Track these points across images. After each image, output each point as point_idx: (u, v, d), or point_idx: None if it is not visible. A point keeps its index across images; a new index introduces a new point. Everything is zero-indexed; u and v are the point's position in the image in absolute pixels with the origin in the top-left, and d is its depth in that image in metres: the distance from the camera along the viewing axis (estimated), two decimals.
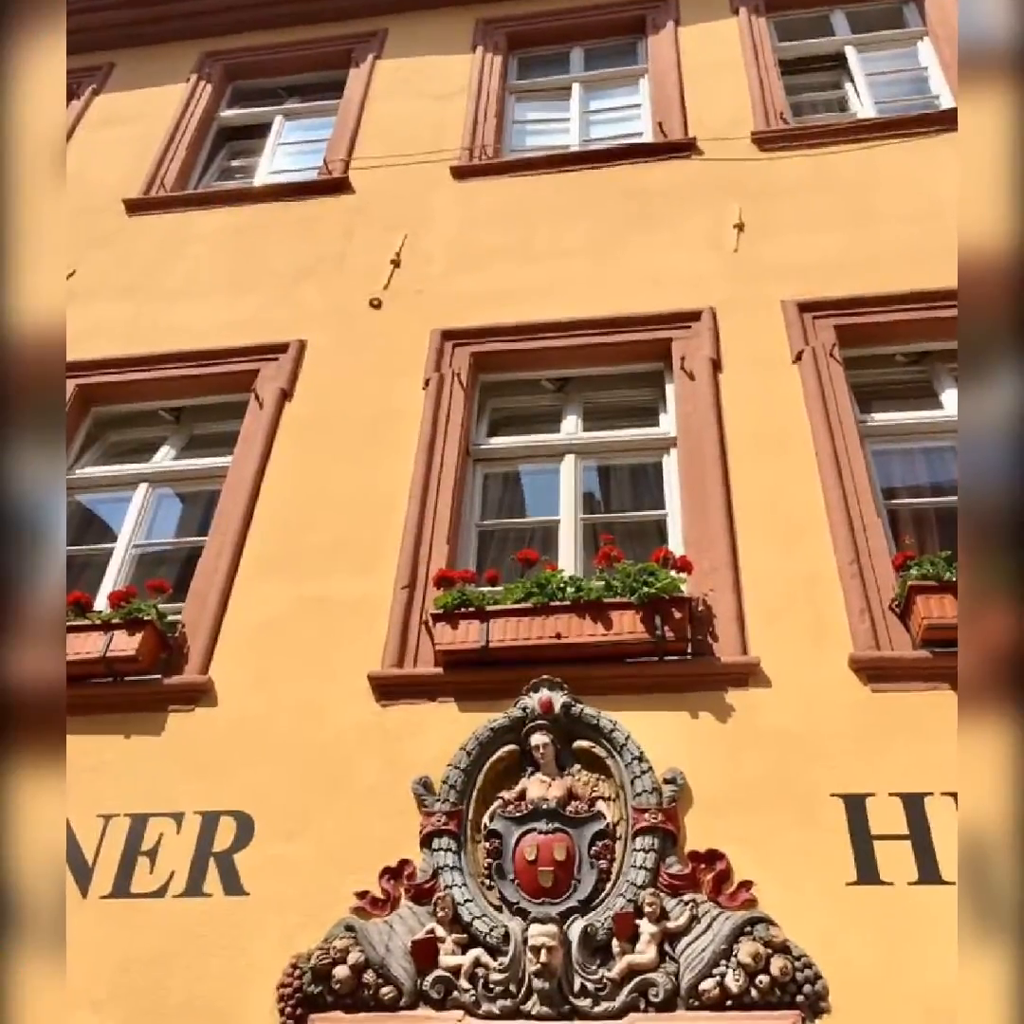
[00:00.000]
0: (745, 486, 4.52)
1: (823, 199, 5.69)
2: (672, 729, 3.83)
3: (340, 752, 3.96)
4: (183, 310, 5.87)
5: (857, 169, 5.81)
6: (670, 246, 5.64)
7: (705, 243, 5.61)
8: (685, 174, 6.02)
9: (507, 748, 3.82)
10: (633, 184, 6.03)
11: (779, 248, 5.48)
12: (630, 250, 5.68)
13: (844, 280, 5.22)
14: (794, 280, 5.28)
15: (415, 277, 5.79)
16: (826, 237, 5.47)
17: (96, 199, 6.69)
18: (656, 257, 5.60)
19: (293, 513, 4.81)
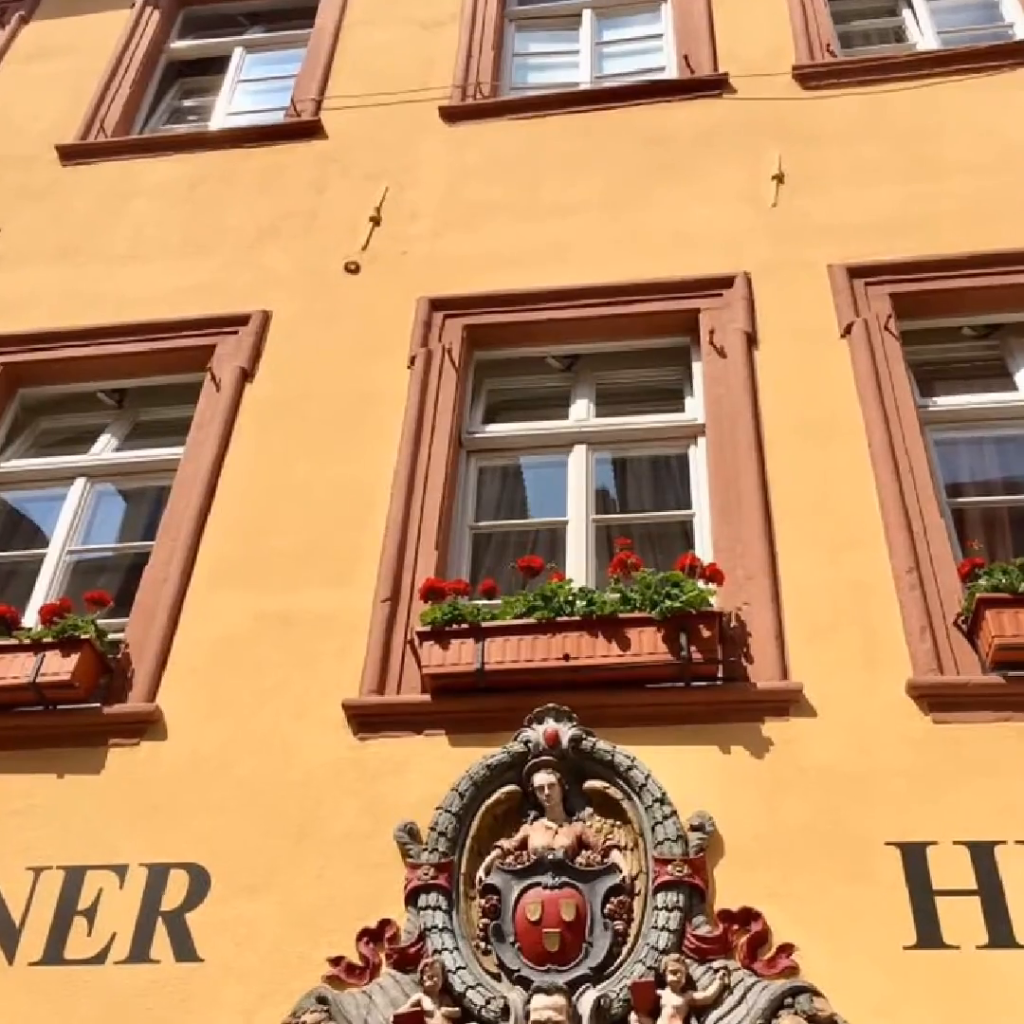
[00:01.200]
0: (785, 482, 4.51)
1: (876, 146, 5.68)
2: (700, 767, 3.82)
3: (310, 794, 3.95)
4: (127, 276, 5.86)
5: (916, 110, 5.80)
6: (697, 201, 5.63)
7: (739, 197, 5.60)
8: (715, 116, 6.01)
9: (506, 789, 3.82)
10: (654, 128, 6.02)
11: (825, 203, 5.47)
12: (650, 205, 5.67)
13: (901, 240, 5.22)
14: (843, 240, 5.27)
15: (398, 237, 5.77)
16: (880, 190, 5.46)
17: (25, 146, 6.68)
18: (681, 213, 5.59)
19: (255, 514, 4.80)
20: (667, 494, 5.06)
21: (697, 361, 5.15)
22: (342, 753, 4.04)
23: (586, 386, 5.31)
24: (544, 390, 5.47)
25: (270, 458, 4.99)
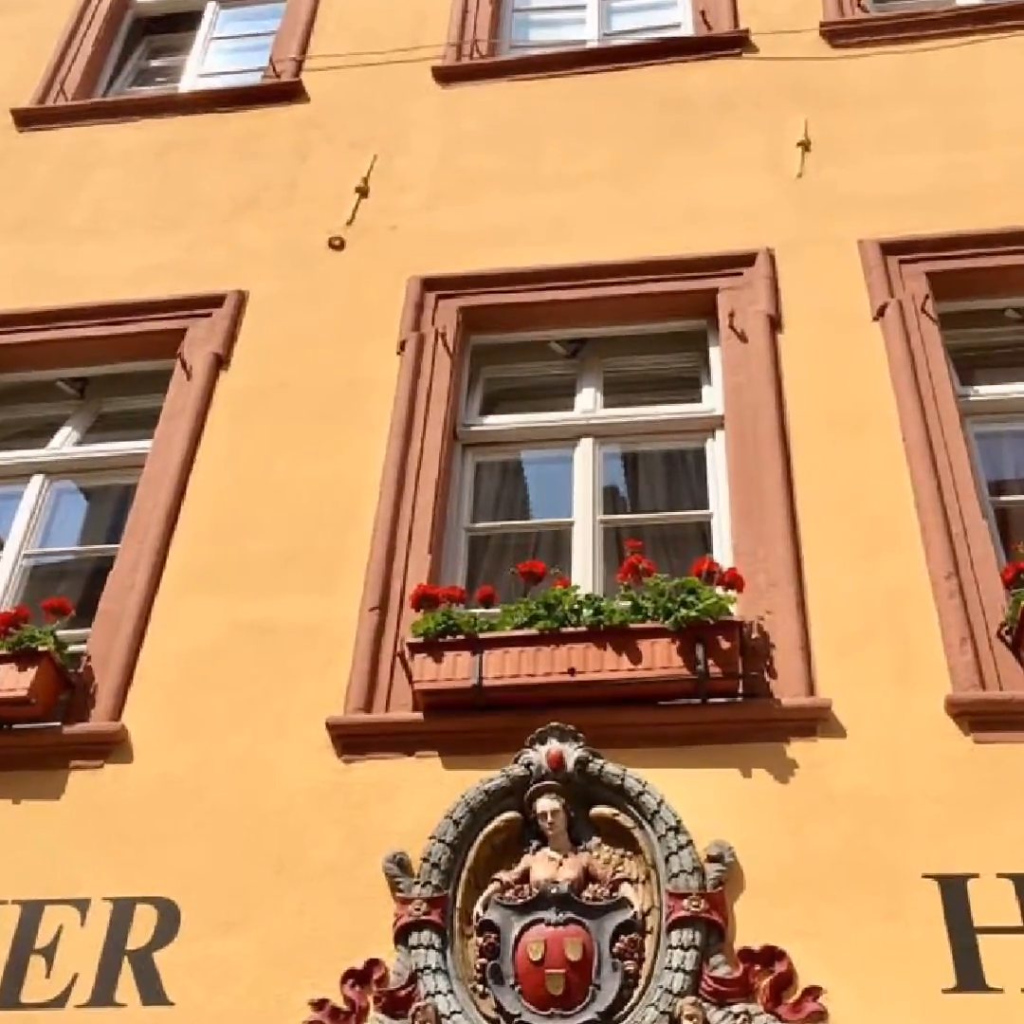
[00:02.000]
0: (812, 479, 4.50)
1: (912, 110, 5.67)
2: (718, 792, 3.81)
3: (291, 821, 3.95)
4: (88, 252, 5.85)
5: (956, 71, 5.80)
6: (715, 170, 5.63)
7: (760, 166, 5.60)
8: (735, 77, 6.01)
9: (506, 816, 3.81)
10: (668, 91, 6.02)
11: (855, 173, 5.47)
12: (664, 176, 5.67)
13: (940, 214, 5.21)
14: (875, 214, 5.27)
15: (387, 210, 5.76)
16: (916, 159, 5.46)
17: None
18: (697, 185, 5.59)
19: (230, 514, 4.80)
20: (682, 492, 5.05)
21: (715, 346, 5.15)
22: (326, 777, 4.03)
23: (593, 374, 5.31)
24: (547, 378, 5.46)
25: (246, 453, 4.98)
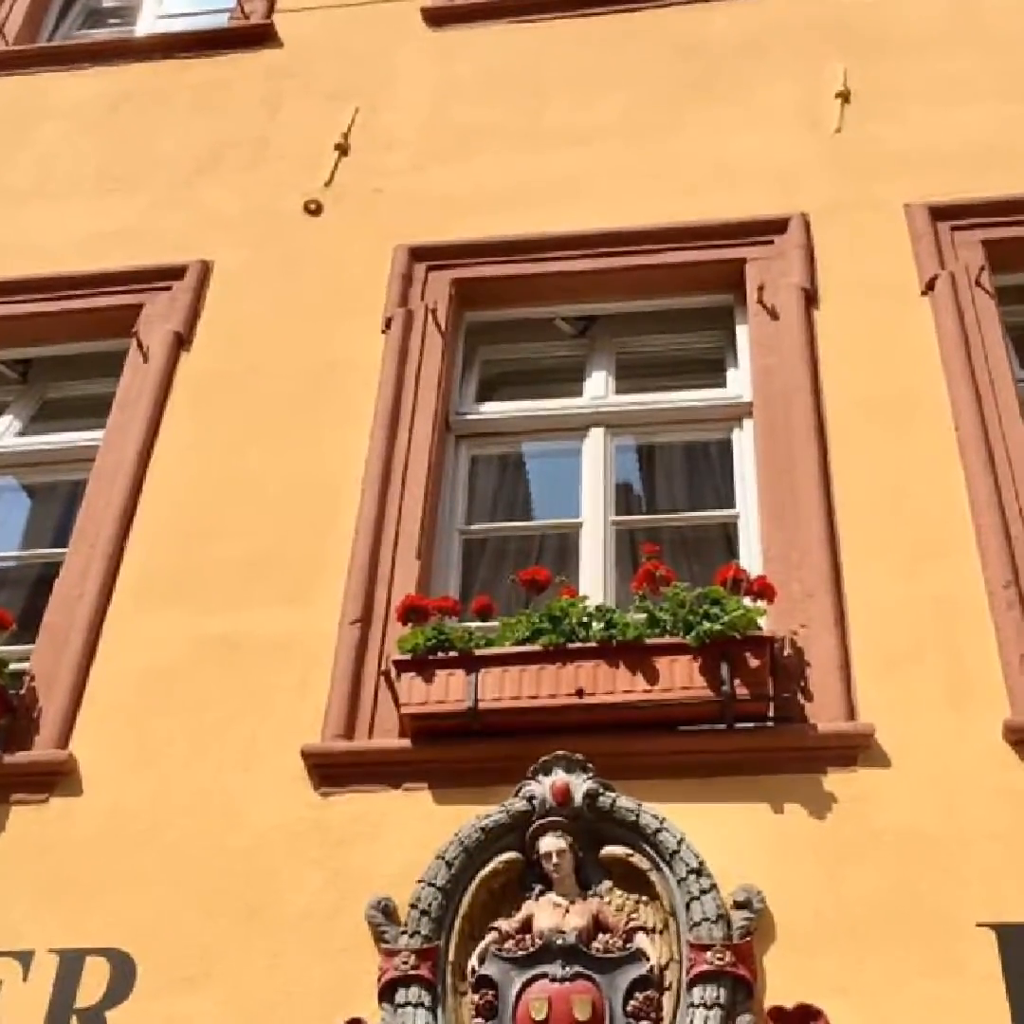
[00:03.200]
0: (852, 474, 4.50)
1: (966, 56, 5.68)
2: (746, 829, 3.81)
3: (261, 863, 3.93)
4: (31, 218, 5.86)
5: (1016, 13, 5.81)
6: (742, 125, 5.64)
7: (794, 120, 5.61)
8: (765, 19, 6.03)
9: (505, 857, 3.79)
10: (689, 34, 6.04)
11: (901, 127, 5.47)
12: (684, 131, 5.67)
13: (997, 174, 5.20)
14: (924, 174, 5.27)
15: (370, 170, 5.77)
16: (971, 111, 5.46)
17: None
18: (722, 141, 5.60)
19: (193, 514, 4.79)
20: (705, 490, 5.04)
21: (742, 324, 5.15)
22: (301, 812, 4.02)
23: (604, 355, 5.31)
24: (552, 360, 5.46)
25: (211, 446, 4.98)
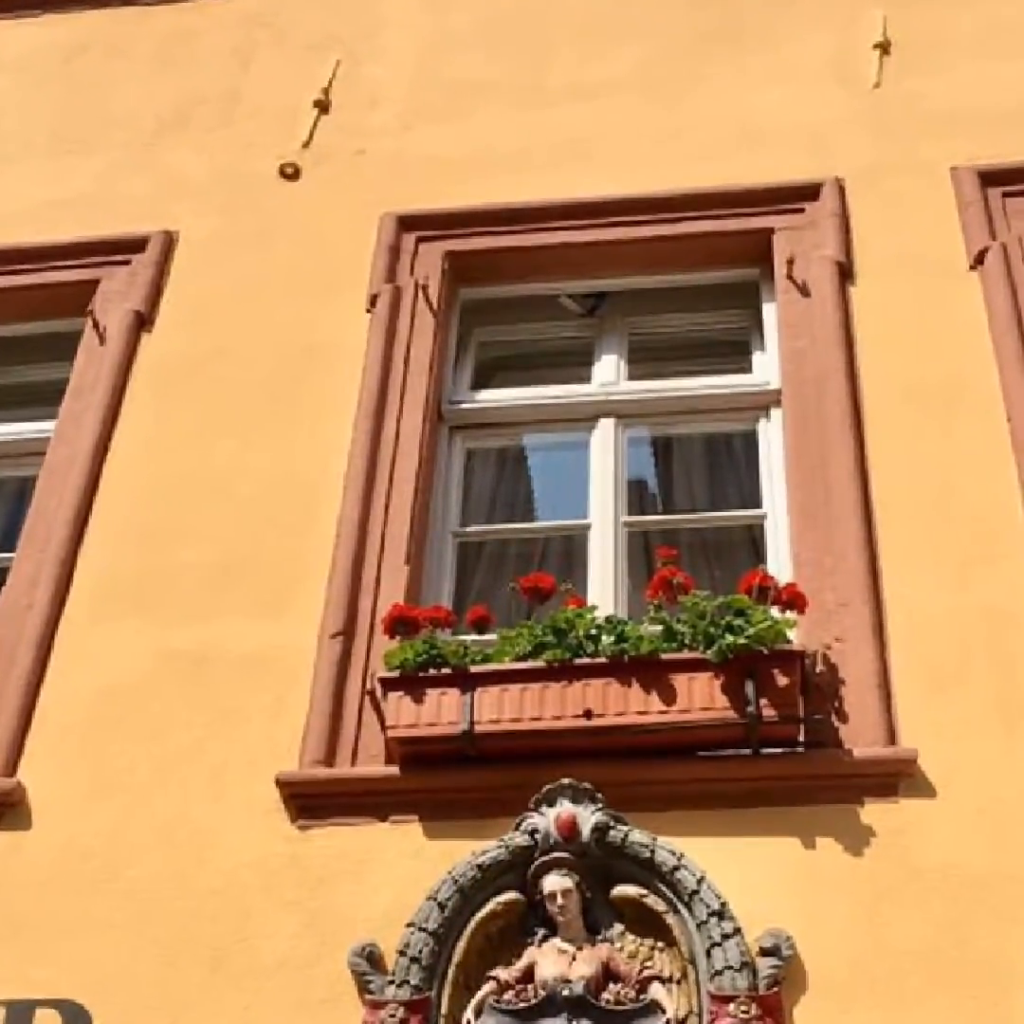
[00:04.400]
0: (892, 469, 4.50)
1: (1019, 3, 5.66)
2: (774, 867, 3.81)
3: (232, 905, 3.93)
4: None
5: None
6: (770, 79, 5.64)
7: (827, 74, 5.61)
8: None
9: (504, 898, 3.79)
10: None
11: (947, 82, 5.47)
12: (705, 86, 5.68)
13: None
14: (972, 134, 5.27)
15: (354, 129, 5.78)
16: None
17: None
18: (747, 97, 5.60)
19: (156, 515, 4.79)
20: (728, 487, 5.07)
21: (770, 302, 5.15)
22: (276, 848, 4.02)
23: (615, 337, 5.31)
24: (556, 343, 5.46)
25: (176, 438, 4.98)
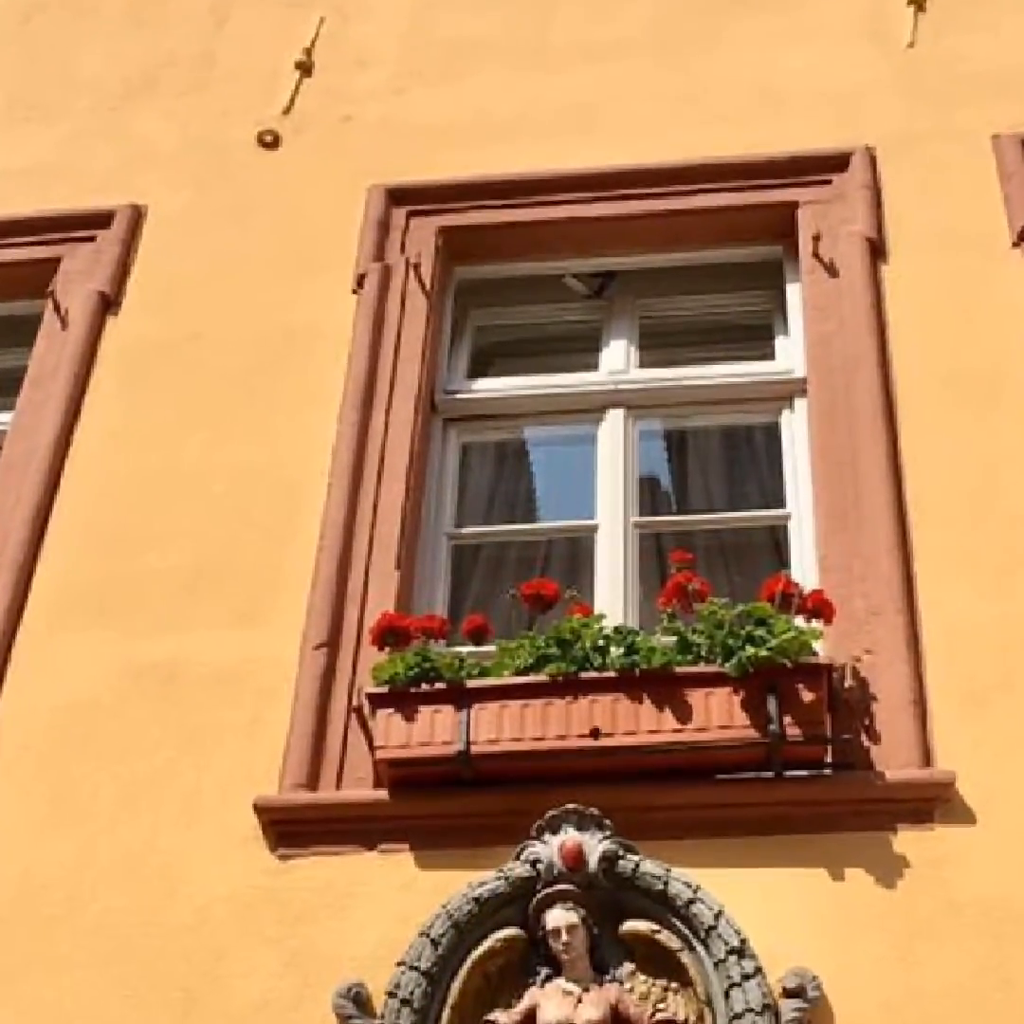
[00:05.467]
0: (928, 465, 4.51)
1: None
2: (798, 900, 3.80)
3: (205, 943, 3.92)
4: None
5: None
6: (795, 39, 5.66)
7: (857, 33, 5.63)
8: None
9: (504, 934, 3.78)
10: None
11: (990, 41, 5.49)
12: (724, 47, 5.70)
13: None
14: (1016, 98, 5.28)
15: (339, 93, 5.80)
16: None
17: None
18: (770, 59, 5.62)
19: (122, 516, 4.80)
20: (748, 485, 5.09)
21: (794, 282, 5.16)
22: (254, 880, 4.01)
23: (625, 321, 5.33)
24: (561, 327, 5.48)
25: (145, 431, 4.99)
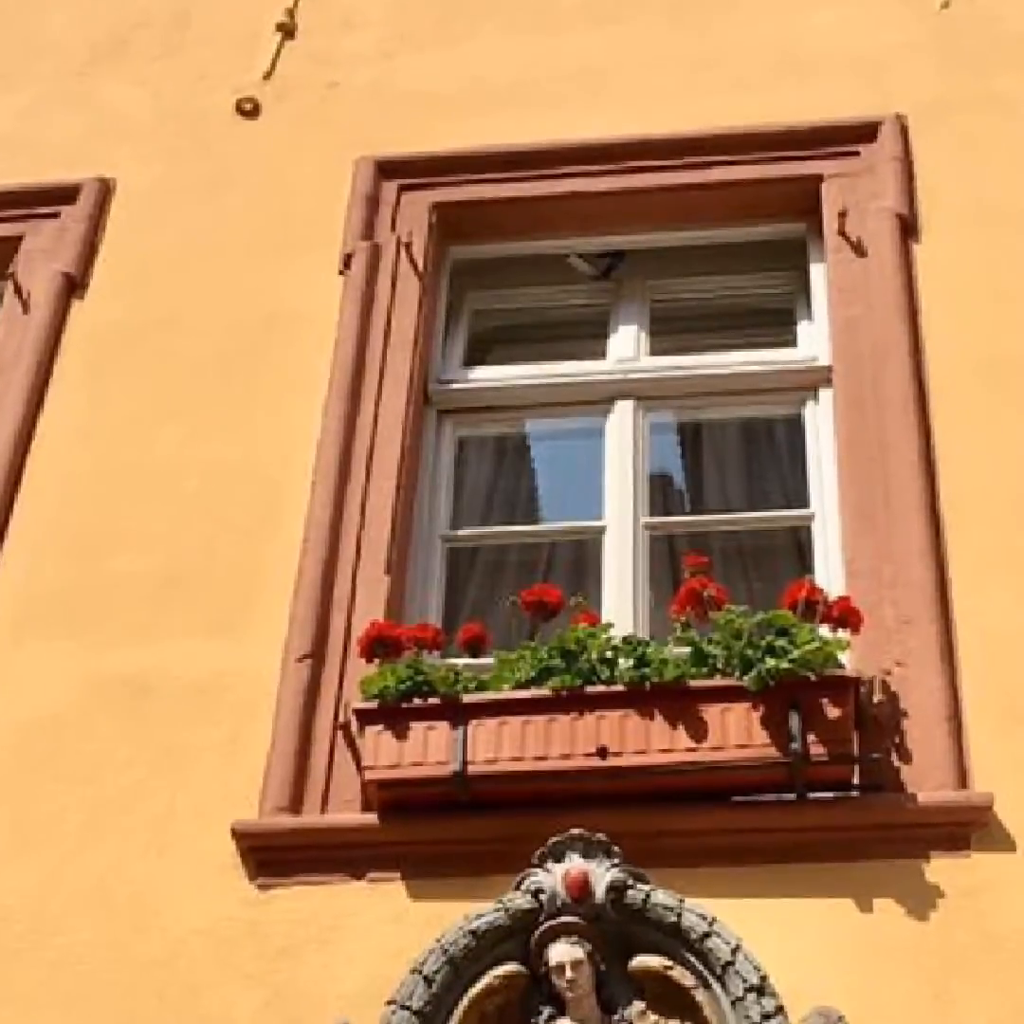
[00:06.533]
0: (963, 462, 4.51)
1: None
2: (823, 933, 3.81)
3: (179, 979, 3.93)
4: None
5: None
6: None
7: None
8: None
9: (503, 970, 3.77)
10: None
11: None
12: (743, 7, 5.72)
13: None
14: None
15: (324, 57, 5.83)
16: None
17: None
18: (791, 20, 5.63)
19: (89, 517, 4.82)
20: (768, 482, 5.10)
21: (818, 263, 5.17)
22: (231, 911, 4.01)
23: (634, 304, 5.34)
24: (565, 311, 5.51)
25: (113, 424, 5.00)
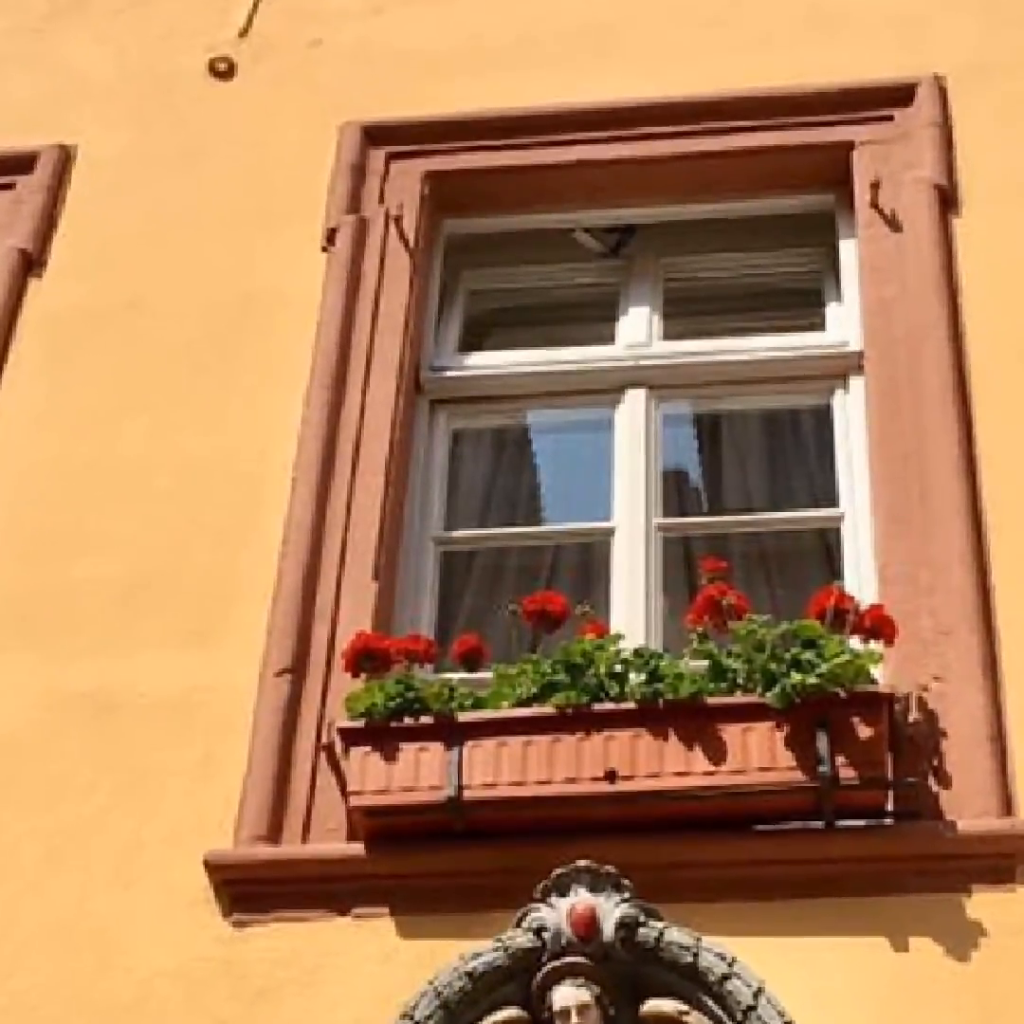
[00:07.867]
0: (1007, 457, 4.54)
1: None
2: (854, 974, 3.82)
3: (146, 1023, 3.93)
4: None
5: None
6: None
7: None
8: None
9: (503, 1015, 3.76)
10: None
11: None
12: None
13: None
14: None
15: (306, 12, 5.86)
16: None
17: None
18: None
19: (47, 517, 4.84)
20: (793, 480, 5.11)
21: (848, 238, 5.18)
22: (204, 950, 4.03)
23: (646, 284, 5.36)
24: (570, 291, 5.54)
25: (73, 416, 5.03)
